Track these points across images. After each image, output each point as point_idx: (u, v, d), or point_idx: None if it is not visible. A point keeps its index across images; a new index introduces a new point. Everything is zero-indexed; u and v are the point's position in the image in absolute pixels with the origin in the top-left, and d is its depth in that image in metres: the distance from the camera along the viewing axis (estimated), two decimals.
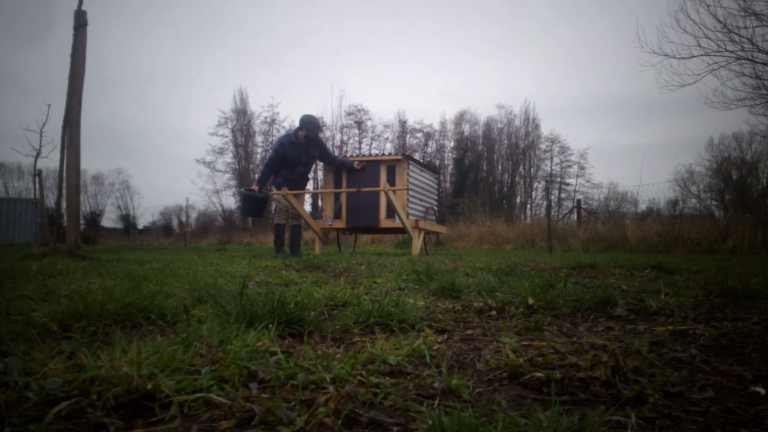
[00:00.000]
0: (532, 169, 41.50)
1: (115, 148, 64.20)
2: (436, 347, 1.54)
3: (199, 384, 1.04)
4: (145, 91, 65.09)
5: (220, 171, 40.47)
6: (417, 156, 38.69)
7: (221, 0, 60.73)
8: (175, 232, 38.80)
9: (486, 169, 41.39)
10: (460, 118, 41.58)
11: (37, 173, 13.09)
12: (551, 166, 41.04)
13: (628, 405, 1.08)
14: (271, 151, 8.25)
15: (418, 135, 40.68)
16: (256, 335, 1.41)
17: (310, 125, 7.77)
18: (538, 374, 1.22)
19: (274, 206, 8.24)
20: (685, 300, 2.39)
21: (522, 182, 41.60)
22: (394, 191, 7.85)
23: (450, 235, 15.38)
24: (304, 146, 7.77)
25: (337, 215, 8.54)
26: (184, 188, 79.04)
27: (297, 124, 7.95)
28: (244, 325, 1.50)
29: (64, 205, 6.38)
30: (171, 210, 43.71)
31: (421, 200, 9.16)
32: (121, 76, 64.21)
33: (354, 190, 8.14)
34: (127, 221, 44.41)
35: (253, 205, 7.90)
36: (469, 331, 1.80)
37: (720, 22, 11.21)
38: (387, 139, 39.75)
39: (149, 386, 1.01)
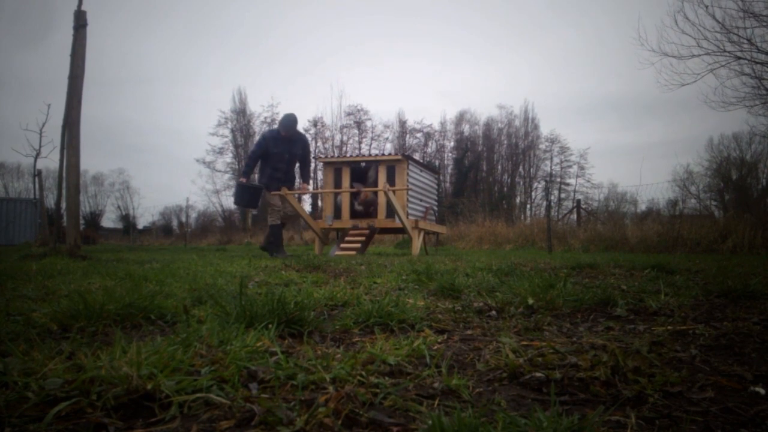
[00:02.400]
0: (531, 170, 41.53)
1: (115, 148, 64.18)
2: (436, 347, 1.54)
3: (199, 384, 1.04)
4: (145, 91, 65.07)
5: (220, 171, 40.52)
6: (417, 156, 38.69)
7: (221, 0, 60.83)
8: (175, 233, 38.73)
9: (486, 169, 41.39)
10: (460, 118, 41.65)
11: (37, 173, 13.11)
12: (551, 166, 41.09)
13: (628, 405, 1.08)
14: (254, 144, 8.19)
15: (418, 135, 40.76)
16: (256, 335, 1.41)
17: (282, 122, 7.69)
18: (538, 374, 1.22)
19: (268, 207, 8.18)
20: (685, 300, 2.39)
21: (522, 182, 41.61)
22: (393, 191, 7.85)
23: (450, 235, 15.39)
24: (287, 143, 7.66)
25: (336, 215, 8.55)
26: (184, 188, 78.99)
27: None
28: (243, 326, 1.50)
29: (64, 205, 6.39)
30: (171, 210, 43.69)
31: (421, 200, 9.17)
32: (121, 76, 64.20)
33: (354, 190, 8.15)
34: (127, 221, 44.35)
35: (246, 195, 7.77)
36: (469, 331, 1.80)
37: (719, 22, 11.23)
38: (387, 139, 39.83)
39: (149, 386, 1.01)
